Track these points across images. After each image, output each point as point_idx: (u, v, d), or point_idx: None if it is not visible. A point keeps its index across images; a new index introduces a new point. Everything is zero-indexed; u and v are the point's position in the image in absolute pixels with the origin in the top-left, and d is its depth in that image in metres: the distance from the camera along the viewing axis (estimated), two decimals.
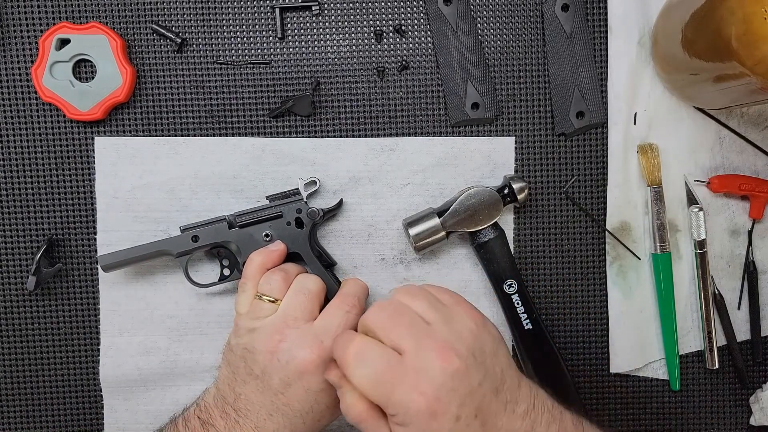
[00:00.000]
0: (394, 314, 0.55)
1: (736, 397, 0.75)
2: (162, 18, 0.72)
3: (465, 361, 0.53)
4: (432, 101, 0.73)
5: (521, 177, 0.72)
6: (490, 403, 0.54)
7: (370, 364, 0.53)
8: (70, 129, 0.72)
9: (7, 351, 0.73)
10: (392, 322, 0.54)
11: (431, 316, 0.55)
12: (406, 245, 0.73)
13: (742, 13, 0.55)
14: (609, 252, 0.73)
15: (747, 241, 0.74)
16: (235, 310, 0.65)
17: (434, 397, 0.51)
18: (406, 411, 0.52)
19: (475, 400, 0.53)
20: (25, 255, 0.73)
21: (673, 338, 0.73)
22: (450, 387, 0.52)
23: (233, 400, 0.62)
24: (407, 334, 0.54)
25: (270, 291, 0.64)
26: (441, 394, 0.52)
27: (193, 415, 0.63)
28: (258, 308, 0.64)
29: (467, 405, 0.53)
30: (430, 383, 0.52)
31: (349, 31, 0.72)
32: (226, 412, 0.61)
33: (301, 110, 0.71)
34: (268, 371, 0.61)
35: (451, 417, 0.52)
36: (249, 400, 0.61)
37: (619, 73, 0.72)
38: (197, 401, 0.65)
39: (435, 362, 0.52)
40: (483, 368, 0.54)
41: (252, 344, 0.62)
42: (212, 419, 0.62)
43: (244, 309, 0.64)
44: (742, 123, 0.73)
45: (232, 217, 0.69)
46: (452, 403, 0.52)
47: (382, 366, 0.53)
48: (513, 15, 0.73)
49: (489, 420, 0.53)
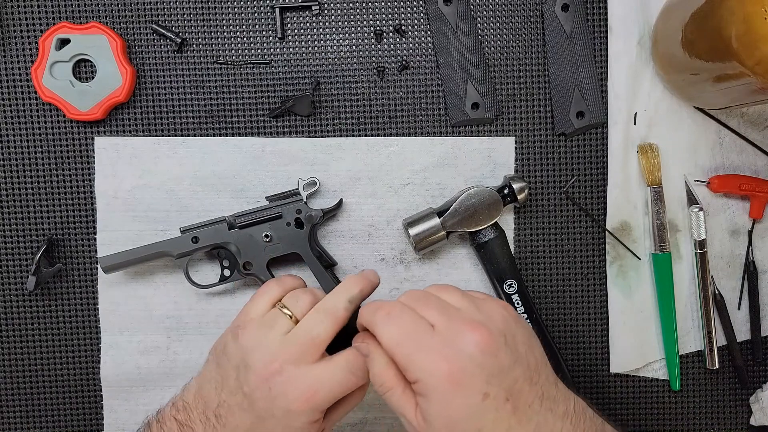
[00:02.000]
0: (424, 298, 0.55)
1: (736, 397, 0.75)
2: (162, 18, 0.72)
3: (495, 339, 0.52)
4: (432, 101, 0.73)
5: (521, 177, 0.72)
6: (523, 390, 0.52)
7: (400, 323, 0.52)
8: (70, 129, 0.72)
9: (7, 351, 0.73)
10: (423, 304, 0.54)
11: (461, 303, 0.55)
12: (406, 245, 0.73)
13: (742, 13, 0.55)
14: (609, 252, 0.73)
15: (747, 241, 0.74)
16: (245, 312, 0.62)
17: (459, 367, 0.50)
18: (429, 377, 0.50)
19: (505, 382, 0.51)
20: (25, 255, 0.73)
21: (673, 338, 0.73)
22: (478, 360, 0.51)
23: (216, 405, 0.59)
24: (438, 313, 0.53)
25: (293, 307, 0.60)
26: (467, 364, 0.50)
27: (170, 416, 0.59)
28: (273, 318, 0.60)
29: (495, 385, 0.51)
30: (457, 352, 0.51)
31: (349, 31, 0.72)
32: (206, 416, 0.58)
33: (301, 110, 0.71)
34: (256, 395, 0.57)
35: (476, 392, 0.50)
36: (231, 412, 0.58)
37: (619, 73, 0.72)
38: (173, 400, 0.61)
39: (464, 334, 0.51)
40: (515, 353, 0.52)
41: (248, 361, 0.58)
42: (191, 422, 0.58)
43: (257, 314, 0.61)
44: (742, 123, 0.73)
45: (231, 218, 0.69)
46: (478, 377, 0.50)
47: (411, 327, 0.52)
48: (513, 15, 0.73)
49: (522, 408, 0.51)
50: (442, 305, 0.54)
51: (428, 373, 0.50)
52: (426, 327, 0.52)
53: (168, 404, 0.61)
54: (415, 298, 0.55)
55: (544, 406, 0.53)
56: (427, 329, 0.52)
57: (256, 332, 0.59)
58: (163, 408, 0.61)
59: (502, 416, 0.51)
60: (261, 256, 0.69)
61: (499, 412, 0.51)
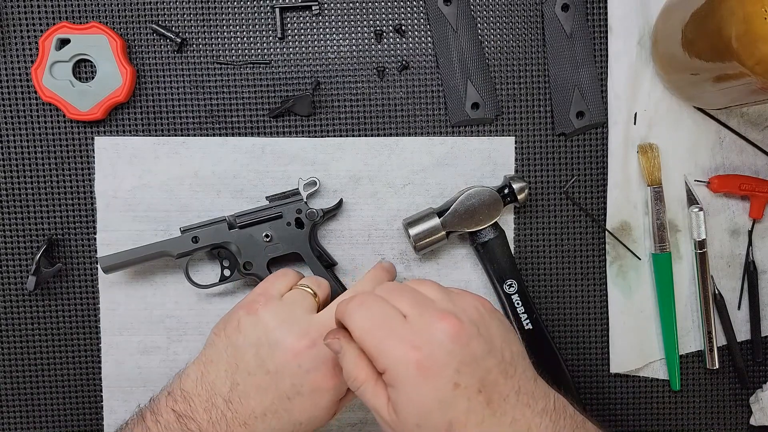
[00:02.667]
0: (398, 289, 0.54)
1: (736, 397, 0.75)
2: (162, 18, 0.72)
3: (466, 329, 0.50)
4: (432, 101, 0.73)
5: (521, 177, 0.72)
6: (498, 383, 0.50)
7: (371, 311, 0.52)
8: (70, 129, 0.72)
9: (7, 351, 0.73)
10: (397, 294, 0.53)
11: (435, 295, 0.54)
12: (406, 245, 0.73)
13: (742, 13, 0.55)
14: (609, 252, 0.73)
15: (747, 241, 0.74)
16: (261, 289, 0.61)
17: (428, 354, 0.49)
18: (397, 365, 0.49)
19: (478, 372, 0.50)
20: (25, 255, 0.73)
21: (673, 338, 0.73)
22: (448, 348, 0.49)
23: (227, 389, 0.57)
24: (410, 304, 0.52)
25: (316, 288, 0.62)
26: (436, 351, 0.49)
27: (166, 408, 0.57)
28: (300, 296, 0.60)
29: (467, 374, 0.49)
30: (427, 340, 0.49)
31: (349, 31, 0.72)
32: (212, 403, 0.56)
33: (301, 110, 0.71)
34: (284, 372, 0.56)
35: (446, 381, 0.49)
36: (246, 394, 0.56)
37: (619, 73, 0.72)
38: (168, 389, 0.59)
39: (435, 323, 0.50)
40: (488, 344, 0.51)
41: (272, 337, 0.57)
42: (192, 411, 0.56)
43: (278, 292, 0.60)
44: (742, 123, 0.73)
45: (232, 217, 0.69)
46: (448, 366, 0.49)
47: (381, 315, 0.51)
48: (513, 15, 0.73)
49: (496, 400, 0.50)
50: (416, 296, 0.53)
51: (397, 361, 0.49)
52: (397, 316, 0.51)
53: (162, 393, 0.59)
54: (389, 289, 0.54)
55: (521, 400, 0.51)
56: (398, 318, 0.51)
57: (281, 308, 0.59)
58: (156, 397, 0.59)
59: (474, 407, 0.49)
60: (261, 255, 0.69)
61: (472, 402, 0.49)
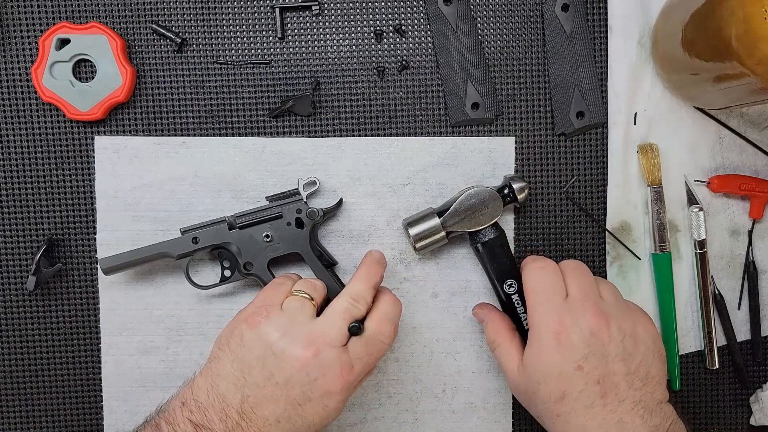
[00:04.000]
0: (577, 274, 0.62)
1: (736, 397, 0.75)
2: (162, 18, 0.72)
3: (611, 334, 0.59)
4: (432, 101, 0.73)
5: (521, 177, 0.72)
6: (618, 386, 0.58)
7: (546, 279, 0.62)
8: (70, 129, 0.72)
9: (7, 351, 0.73)
10: (573, 276, 0.62)
11: (607, 296, 0.62)
12: (406, 245, 0.73)
13: (742, 13, 0.55)
14: (609, 252, 0.73)
15: (747, 241, 0.74)
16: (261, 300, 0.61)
17: (567, 333, 0.58)
18: (541, 327, 0.60)
19: (602, 368, 0.58)
20: (25, 255, 0.73)
21: (673, 338, 0.73)
22: (586, 338, 0.58)
23: (238, 402, 0.58)
24: (579, 289, 0.61)
25: (311, 292, 0.62)
26: (574, 335, 0.58)
27: (183, 418, 0.58)
28: (298, 304, 0.60)
29: (592, 364, 0.58)
30: (572, 323, 0.59)
31: (349, 31, 0.72)
32: (227, 414, 0.57)
33: (301, 110, 0.71)
34: (293, 381, 0.57)
35: (572, 360, 0.58)
36: (258, 404, 0.58)
37: (619, 73, 0.72)
38: (182, 399, 0.59)
39: (587, 315, 0.59)
40: (626, 354, 0.59)
41: (277, 348, 0.58)
42: (208, 422, 0.57)
43: (277, 301, 0.61)
44: (742, 123, 0.73)
45: (232, 218, 0.69)
46: (578, 350, 0.58)
47: (551, 285, 0.61)
48: (513, 15, 0.73)
49: (611, 397, 0.58)
50: (586, 287, 0.61)
51: (542, 325, 0.60)
52: (562, 292, 0.61)
53: (174, 404, 0.59)
54: (571, 268, 0.63)
55: (636, 411, 0.58)
56: (561, 295, 0.61)
57: (282, 319, 0.59)
58: (169, 407, 0.59)
59: (588, 392, 0.58)
60: (261, 256, 0.69)
61: (588, 387, 0.58)
